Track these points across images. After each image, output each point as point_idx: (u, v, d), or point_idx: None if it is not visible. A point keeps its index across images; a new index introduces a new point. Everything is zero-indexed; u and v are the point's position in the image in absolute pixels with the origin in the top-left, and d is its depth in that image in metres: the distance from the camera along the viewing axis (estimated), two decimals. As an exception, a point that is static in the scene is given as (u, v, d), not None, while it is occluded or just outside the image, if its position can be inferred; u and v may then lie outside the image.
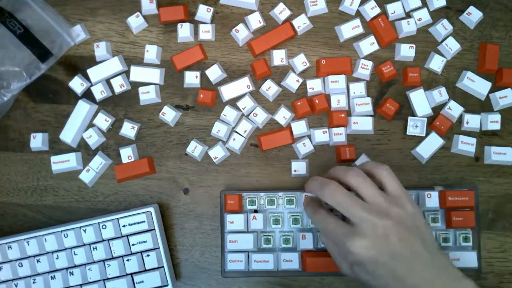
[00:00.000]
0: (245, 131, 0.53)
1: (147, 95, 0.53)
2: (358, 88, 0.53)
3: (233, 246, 0.50)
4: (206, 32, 0.54)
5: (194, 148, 0.52)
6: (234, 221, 0.50)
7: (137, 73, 0.54)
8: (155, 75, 0.54)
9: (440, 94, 0.53)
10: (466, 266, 0.49)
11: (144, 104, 0.54)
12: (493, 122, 0.53)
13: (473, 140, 0.52)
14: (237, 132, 0.53)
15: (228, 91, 0.53)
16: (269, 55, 0.55)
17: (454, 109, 0.53)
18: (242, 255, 0.50)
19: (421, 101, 0.53)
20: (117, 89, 0.54)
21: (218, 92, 0.54)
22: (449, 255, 0.49)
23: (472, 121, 0.53)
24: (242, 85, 0.53)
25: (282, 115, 0.53)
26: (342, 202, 0.40)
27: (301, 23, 0.54)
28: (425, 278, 0.38)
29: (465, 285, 0.38)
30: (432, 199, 0.50)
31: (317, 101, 0.53)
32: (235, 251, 0.50)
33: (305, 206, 0.46)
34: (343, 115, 0.52)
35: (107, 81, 0.54)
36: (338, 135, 0.53)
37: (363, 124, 0.53)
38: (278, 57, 0.54)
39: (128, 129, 0.53)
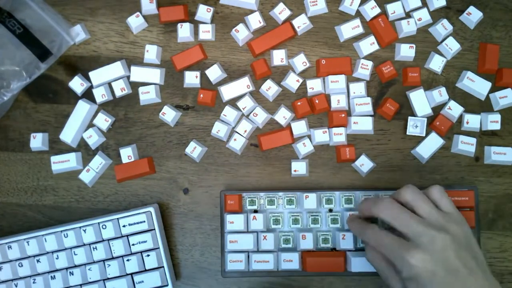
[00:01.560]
0: (245, 131, 0.53)
1: (147, 95, 0.53)
2: (358, 88, 0.53)
3: (233, 246, 0.50)
4: (206, 32, 0.54)
5: (193, 149, 0.52)
6: (234, 221, 0.50)
7: (137, 73, 0.54)
8: (155, 75, 0.53)
9: (440, 94, 0.53)
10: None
11: (144, 104, 0.54)
12: (493, 122, 0.53)
13: (473, 140, 0.52)
14: (237, 132, 0.53)
15: (228, 91, 0.53)
16: (269, 55, 0.54)
17: (454, 109, 0.53)
18: (242, 255, 0.50)
19: (421, 101, 0.53)
20: (118, 93, 0.54)
21: (218, 92, 0.54)
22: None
23: (472, 121, 0.53)
24: (242, 85, 0.53)
25: (282, 115, 0.53)
26: (398, 216, 0.39)
27: (301, 23, 0.54)
28: None
29: None
30: (432, 199, 0.50)
31: (317, 101, 0.53)
32: (235, 251, 0.50)
33: (350, 223, 0.46)
34: (343, 115, 0.52)
35: (109, 84, 0.54)
36: (338, 135, 0.53)
37: (363, 124, 0.53)
38: (278, 57, 0.54)
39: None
